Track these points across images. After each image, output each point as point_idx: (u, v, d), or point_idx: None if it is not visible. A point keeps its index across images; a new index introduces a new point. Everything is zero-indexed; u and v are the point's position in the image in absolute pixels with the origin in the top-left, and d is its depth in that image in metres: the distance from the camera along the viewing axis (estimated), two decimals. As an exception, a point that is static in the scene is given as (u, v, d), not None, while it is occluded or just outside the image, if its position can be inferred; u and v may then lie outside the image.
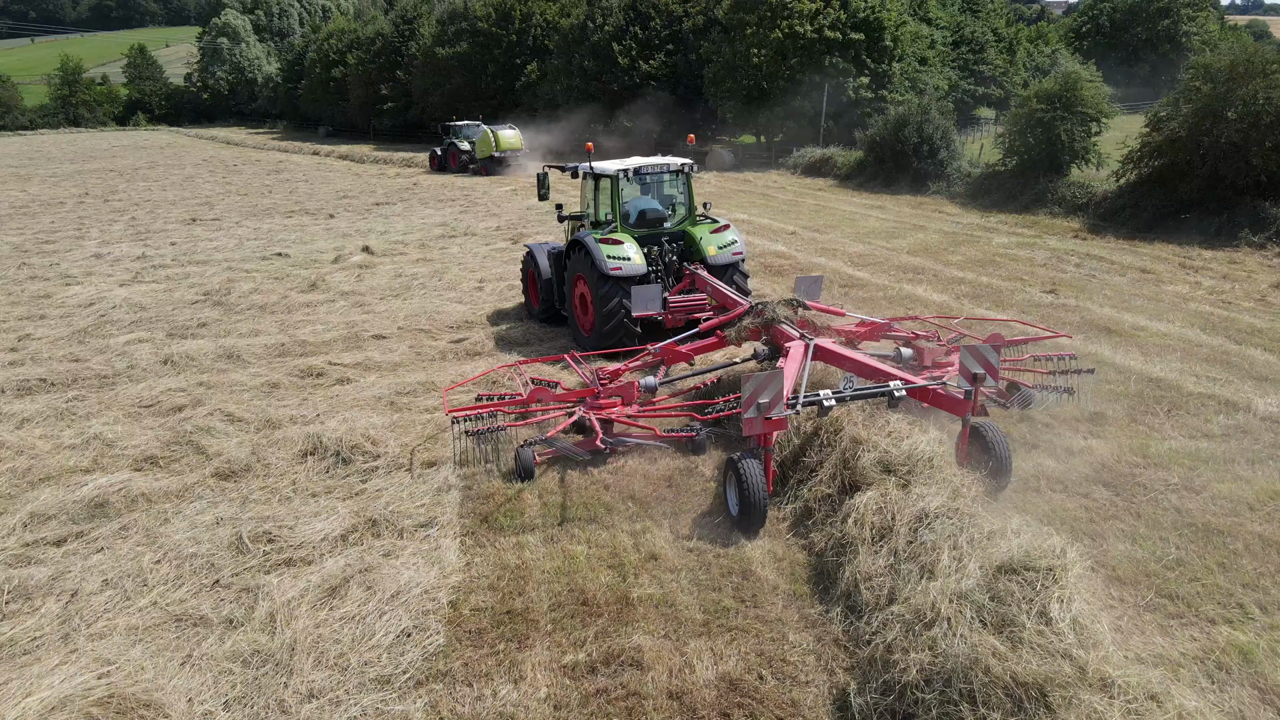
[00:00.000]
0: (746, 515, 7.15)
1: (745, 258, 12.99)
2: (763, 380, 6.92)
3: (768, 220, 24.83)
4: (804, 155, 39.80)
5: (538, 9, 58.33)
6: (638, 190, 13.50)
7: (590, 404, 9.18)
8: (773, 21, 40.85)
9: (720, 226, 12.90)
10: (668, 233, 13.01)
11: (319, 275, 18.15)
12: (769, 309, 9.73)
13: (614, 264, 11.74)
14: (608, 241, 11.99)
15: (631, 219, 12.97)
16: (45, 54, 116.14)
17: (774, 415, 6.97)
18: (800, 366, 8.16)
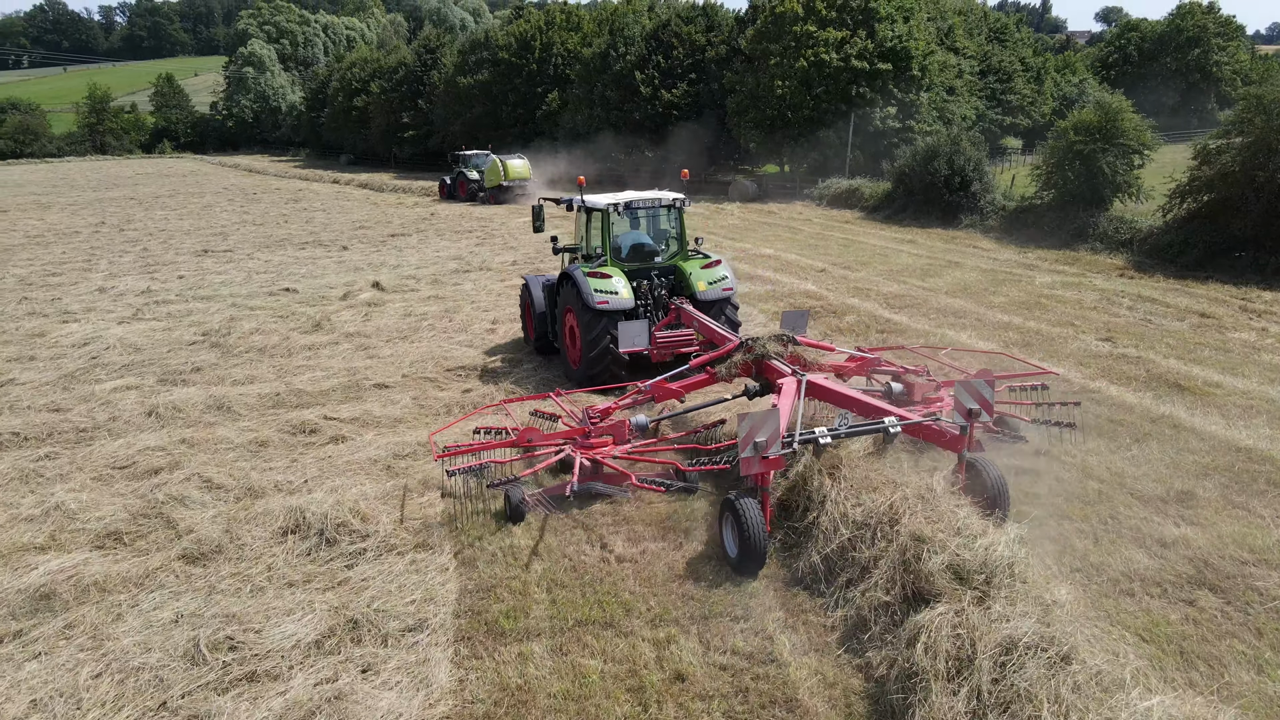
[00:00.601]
0: (746, 557, 7.05)
1: (735, 293, 12.89)
2: (759, 419, 6.87)
3: (795, 256, 23.80)
4: (830, 186, 38.87)
5: (559, 38, 58.09)
6: (629, 224, 13.46)
7: (580, 443, 8.98)
8: (797, 51, 40.12)
9: (711, 261, 12.79)
10: (658, 267, 12.96)
11: (325, 314, 17.29)
12: (760, 344, 9.67)
13: (600, 298, 11.73)
14: (596, 275, 11.96)
15: (623, 253, 13.03)
16: (77, 83, 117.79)
17: (771, 454, 6.94)
18: (793, 403, 8.09)
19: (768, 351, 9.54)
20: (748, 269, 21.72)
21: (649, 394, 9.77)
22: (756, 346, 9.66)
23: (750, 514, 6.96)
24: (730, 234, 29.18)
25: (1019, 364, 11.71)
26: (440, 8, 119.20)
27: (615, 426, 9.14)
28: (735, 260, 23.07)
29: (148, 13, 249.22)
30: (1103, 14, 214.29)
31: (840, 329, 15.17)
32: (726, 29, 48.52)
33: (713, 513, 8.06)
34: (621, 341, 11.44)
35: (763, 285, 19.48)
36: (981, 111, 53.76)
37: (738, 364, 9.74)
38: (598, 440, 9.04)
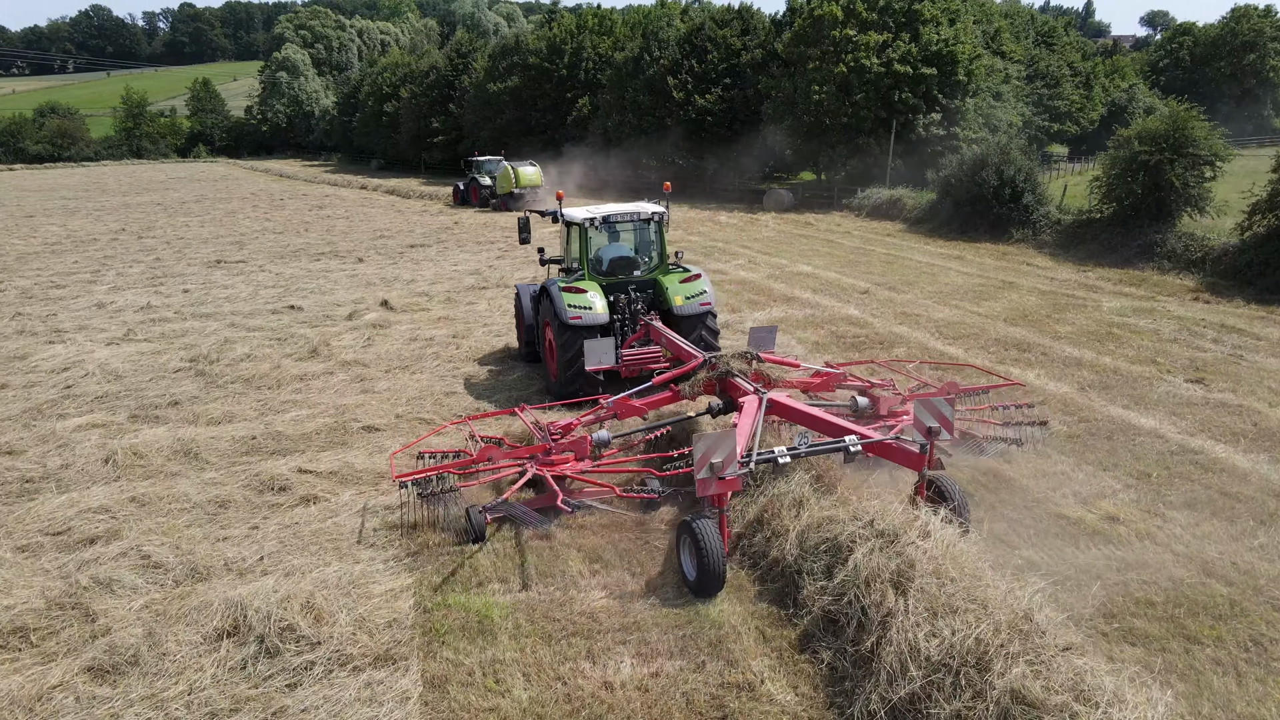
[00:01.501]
0: (703, 579, 6.98)
1: (714, 308, 12.63)
2: (714, 440, 6.83)
3: (835, 274, 22.14)
4: (870, 196, 37.08)
5: (590, 42, 56.81)
6: (608, 238, 13.40)
7: (542, 460, 8.90)
8: (837, 55, 38.42)
9: (690, 276, 12.61)
10: (636, 281, 12.79)
11: (324, 338, 16.00)
12: (723, 362, 9.65)
13: (574, 313, 11.68)
14: (571, 290, 11.92)
15: (604, 266, 12.90)
16: (119, 87, 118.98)
17: (728, 475, 6.91)
18: (754, 422, 8.09)
19: (731, 369, 9.50)
20: (784, 290, 20.12)
21: (611, 410, 9.65)
22: (720, 364, 9.61)
23: (708, 537, 6.87)
24: (765, 247, 27.57)
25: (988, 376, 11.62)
26: (474, 12, 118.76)
27: (576, 443, 9.02)
28: (770, 280, 21.48)
29: (190, 18, 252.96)
30: (1148, 18, 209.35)
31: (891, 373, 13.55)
32: (763, 32, 46.91)
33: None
34: (588, 359, 11.21)
35: (801, 309, 17.87)
36: (1028, 118, 51.64)
37: (701, 382, 9.68)
38: (559, 457, 8.92)
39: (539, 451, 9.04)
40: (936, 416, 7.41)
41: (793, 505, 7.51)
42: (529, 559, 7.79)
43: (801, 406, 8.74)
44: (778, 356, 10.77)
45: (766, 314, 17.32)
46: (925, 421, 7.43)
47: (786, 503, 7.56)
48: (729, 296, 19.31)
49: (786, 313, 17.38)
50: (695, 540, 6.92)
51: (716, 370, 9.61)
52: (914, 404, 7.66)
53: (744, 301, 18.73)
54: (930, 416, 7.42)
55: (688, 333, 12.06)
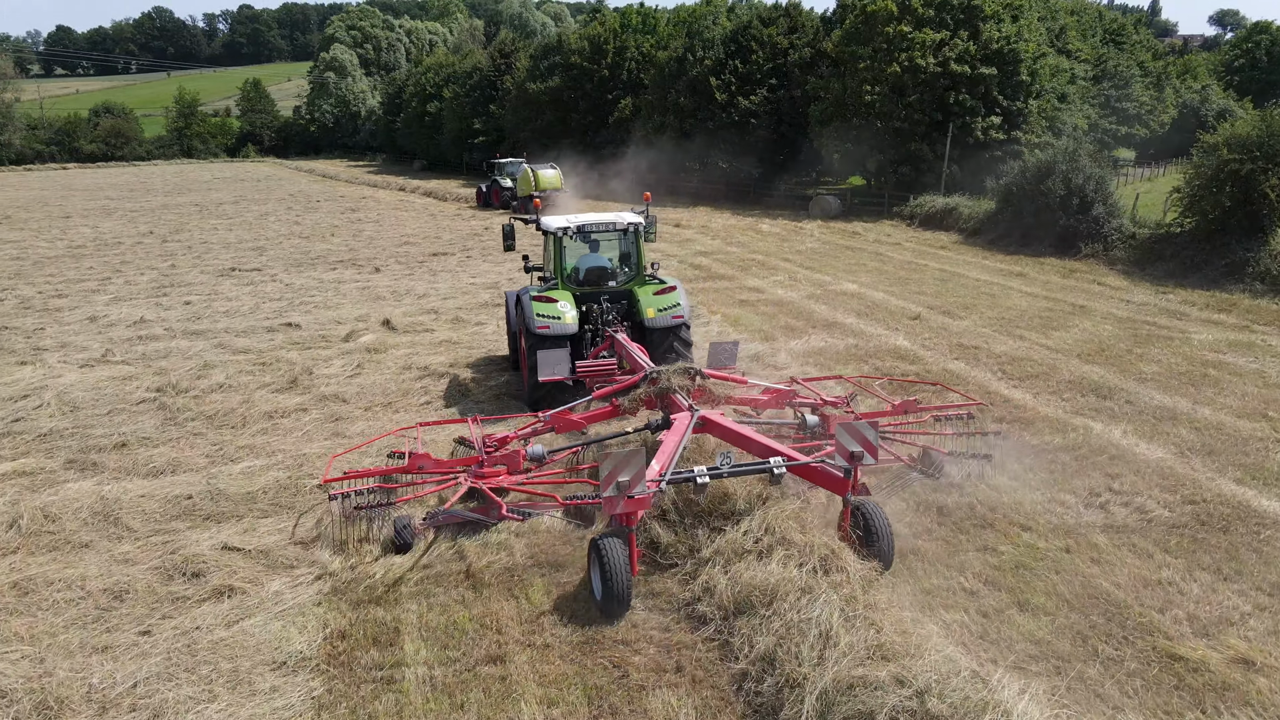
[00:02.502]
0: (608, 602, 6.81)
1: (688, 321, 12.33)
2: (622, 458, 6.72)
3: (883, 294, 20.08)
4: (922, 204, 34.80)
5: (633, 42, 55.12)
6: (586, 247, 13.32)
7: (475, 472, 8.73)
8: (890, 54, 36.19)
9: (665, 288, 12.40)
10: (610, 291, 12.69)
11: (310, 364, 14.51)
12: (664, 377, 9.40)
13: (541, 322, 11.64)
14: (542, 299, 11.89)
15: (581, 276, 12.85)
16: (176, 88, 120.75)
17: (636, 494, 6.79)
18: (679, 440, 7.98)
19: (671, 385, 9.25)
20: (825, 313, 18.15)
21: (549, 424, 9.46)
22: (661, 379, 9.37)
23: (614, 556, 6.74)
24: (807, 261, 25.55)
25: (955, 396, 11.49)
26: (521, 12, 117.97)
27: (509, 456, 8.88)
28: (811, 300, 19.51)
29: (248, 19, 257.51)
30: (1217, 16, 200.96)
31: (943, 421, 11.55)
32: (811, 31, 44.80)
33: None
34: (540, 370, 11.04)
35: (843, 338, 15.90)
36: (1094, 120, 48.68)
37: (641, 397, 9.50)
38: (490, 470, 8.73)
39: (472, 463, 8.85)
40: (860, 441, 7.20)
41: (818, 640, 5.68)
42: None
43: (732, 425, 8.43)
44: (724, 373, 10.36)
45: (803, 343, 15.40)
46: (848, 446, 7.21)
47: (811, 636, 5.72)
48: (763, 321, 17.41)
49: (826, 342, 15.43)
50: (600, 560, 6.76)
51: (657, 385, 9.35)
52: (836, 428, 7.38)
53: (779, 328, 16.81)
54: (853, 441, 7.21)
55: (658, 346, 11.92)
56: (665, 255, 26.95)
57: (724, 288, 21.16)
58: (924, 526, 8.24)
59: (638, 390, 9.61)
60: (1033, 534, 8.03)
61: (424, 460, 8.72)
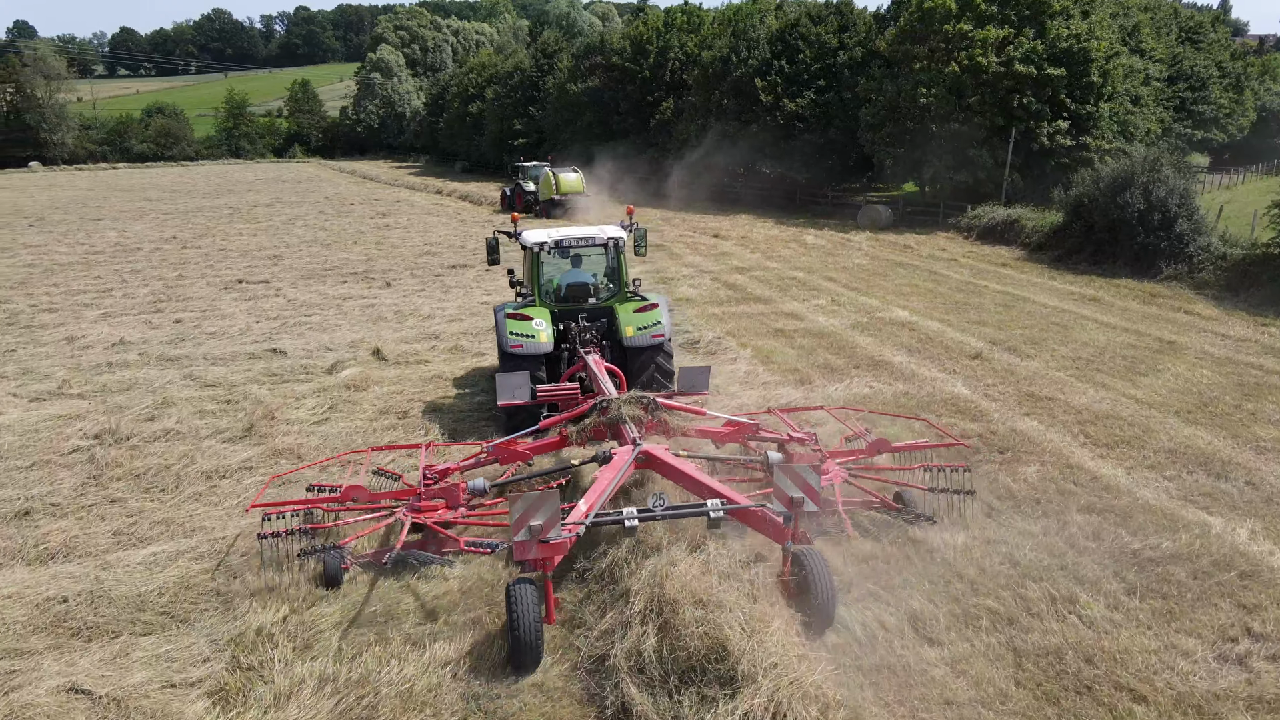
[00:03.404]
0: (516, 652, 6.40)
1: (670, 339, 11.90)
2: (534, 500, 6.35)
3: (938, 323, 17.77)
4: (981, 216, 32.22)
5: (676, 41, 53.05)
6: (567, 263, 12.94)
7: (412, 505, 8.26)
8: (948, 54, 33.67)
9: (646, 305, 11.92)
10: (590, 309, 12.22)
11: (277, 404, 12.79)
12: (614, 407, 8.85)
13: (514, 341, 11.26)
14: (517, 316, 11.48)
15: (562, 292, 12.43)
16: (235, 87, 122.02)
17: (551, 538, 6.37)
18: (614, 477, 7.50)
19: (622, 415, 8.76)
20: (872, 348, 15.92)
21: (492, 455, 9.04)
22: (611, 409, 8.90)
23: (523, 604, 6.32)
24: (854, 280, 23.27)
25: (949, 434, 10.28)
26: (569, 12, 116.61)
27: (448, 490, 8.44)
28: (856, 330, 17.28)
29: (304, 21, 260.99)
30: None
31: (1015, 494, 9.33)
32: (863, 29, 42.31)
33: None
34: (499, 394, 10.46)
35: (891, 382, 13.67)
36: (1168, 124, 45.37)
37: (590, 427, 9.06)
38: (427, 504, 8.34)
39: (409, 496, 8.44)
40: (800, 485, 6.80)
41: None
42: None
43: (674, 462, 7.92)
44: (681, 402, 9.78)
45: (844, 388, 13.24)
46: (787, 491, 6.79)
47: None
48: (799, 358, 15.25)
49: (872, 388, 13.25)
50: (508, 607, 6.41)
51: (608, 415, 8.84)
52: (775, 470, 7.03)
53: (817, 367, 14.63)
54: (793, 485, 6.80)
55: (637, 366, 11.52)
56: (699, 271, 24.90)
57: (758, 313, 19.03)
58: (997, 687, 6.11)
59: (586, 420, 9.04)
60: (1149, 709, 5.85)
61: (358, 492, 8.20)
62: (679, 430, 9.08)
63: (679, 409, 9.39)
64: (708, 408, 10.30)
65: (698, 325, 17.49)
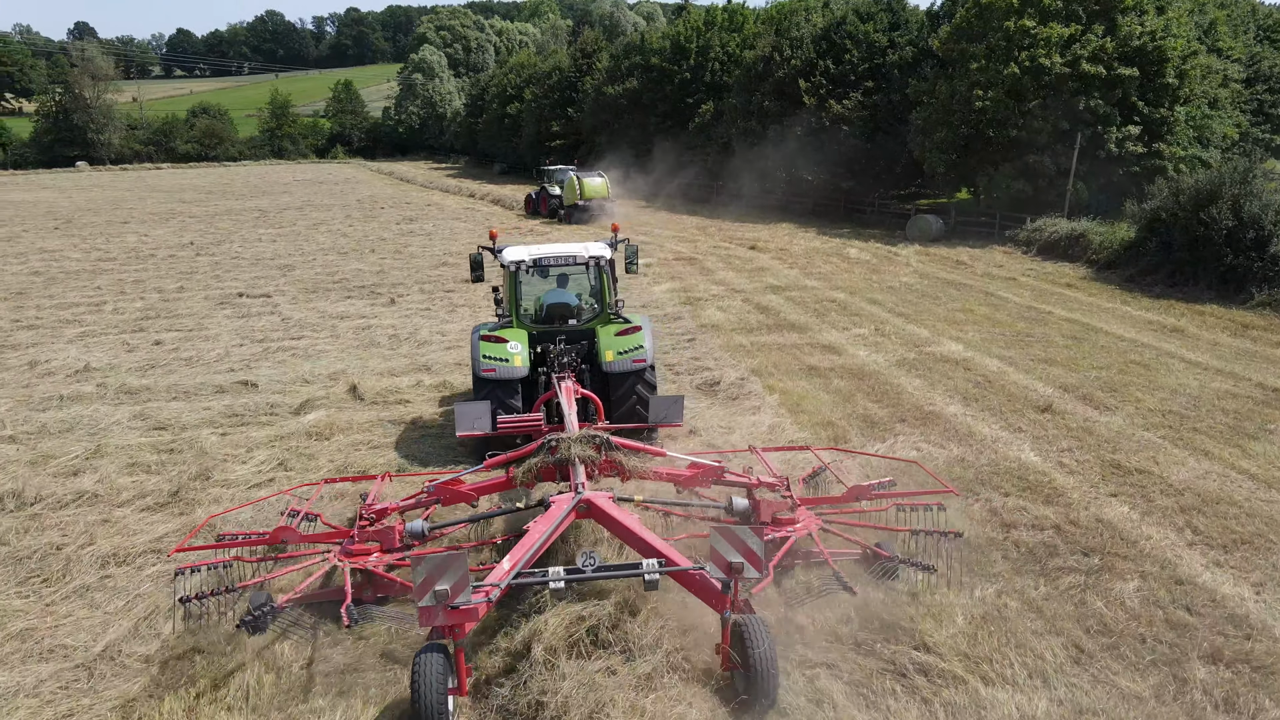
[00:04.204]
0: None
1: (652, 365, 11.22)
2: (439, 562, 5.78)
3: (998, 362, 15.44)
4: (1042, 229, 29.59)
5: (717, 41, 50.90)
6: (552, 281, 12.57)
7: (345, 548, 7.56)
8: (1008, 53, 31.08)
9: (629, 328, 11.29)
10: (569, 331, 11.60)
11: (222, 457, 11.06)
12: (564, 446, 8.06)
13: (487, 365, 10.70)
14: (491, 339, 10.90)
15: (543, 312, 11.97)
16: (282, 89, 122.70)
17: (460, 604, 5.79)
18: (548, 529, 6.91)
19: (571, 456, 7.95)
20: (920, 393, 13.69)
21: (433, 495, 8.28)
22: (560, 448, 8.09)
23: (429, 675, 5.74)
24: (901, 302, 20.98)
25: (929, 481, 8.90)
26: (613, 11, 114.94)
27: (383, 533, 7.74)
28: (902, 369, 15.03)
29: (354, 22, 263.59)
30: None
31: (1110, 625, 7.14)
32: (915, 27, 39.79)
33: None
34: (458, 424, 9.98)
35: (944, 443, 11.41)
36: (1245, 129, 42.04)
37: (537, 468, 8.23)
38: (360, 547, 7.58)
39: (343, 537, 7.83)
40: (740, 549, 6.08)
41: None
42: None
43: (616, 513, 7.19)
44: (640, 443, 8.92)
45: (887, 449, 11.07)
46: (725, 555, 6.08)
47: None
48: (834, 406, 13.07)
49: (920, 449, 11.05)
50: (413, 679, 5.80)
51: (556, 455, 8.16)
52: (712, 532, 6.23)
53: (856, 419, 12.46)
54: (731, 549, 6.09)
55: (616, 393, 10.99)
56: (730, 290, 22.81)
57: (791, 345, 16.88)
58: None
59: (533, 460, 8.31)
60: None
61: (288, 534, 7.70)
62: (635, 472, 8.28)
63: (636, 448, 8.50)
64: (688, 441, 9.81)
65: (721, 361, 15.40)
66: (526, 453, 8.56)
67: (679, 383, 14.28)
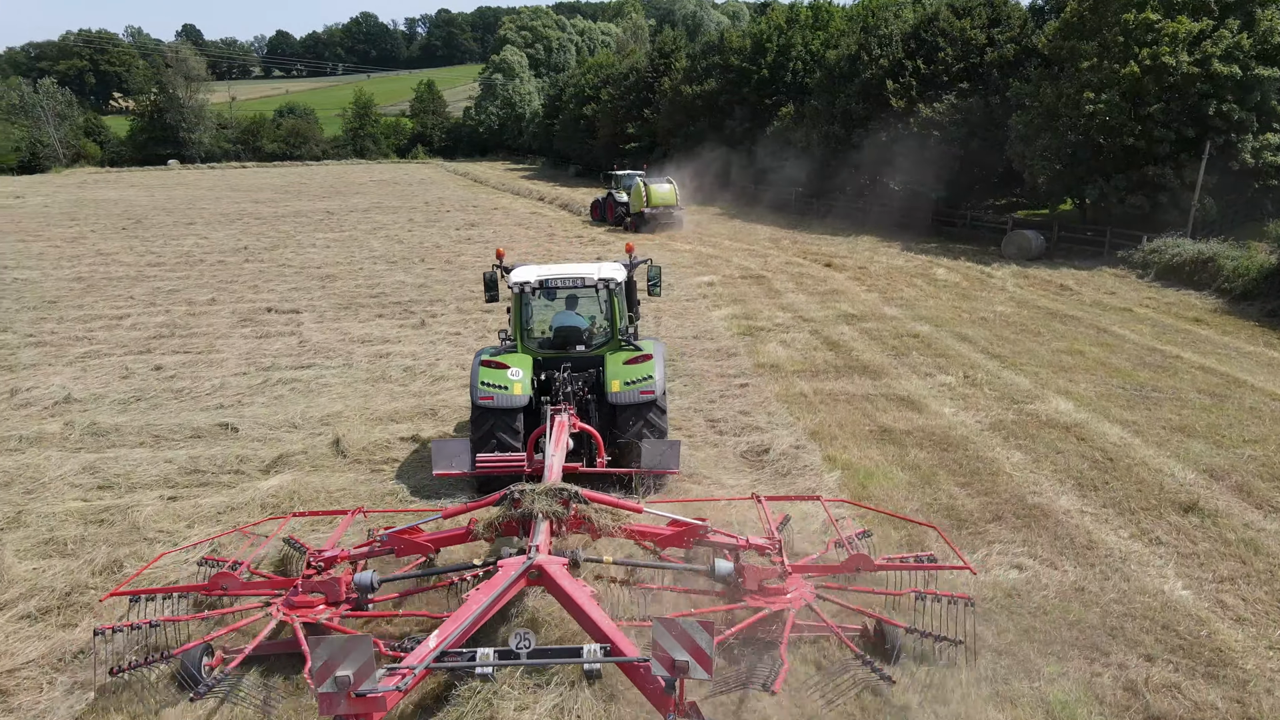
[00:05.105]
0: None
1: (664, 394, 10.58)
2: (340, 645, 5.09)
3: (1120, 428, 12.48)
4: (1161, 250, 25.99)
5: (800, 39, 47.99)
6: (562, 304, 11.70)
7: (287, 600, 7.06)
8: (1126, 50, 27.56)
9: (639, 356, 10.48)
10: (577, 357, 10.82)
11: (153, 533, 9.23)
12: (529, 498, 7.28)
13: (485, 393, 10.06)
14: (492, 364, 10.26)
15: (552, 337, 11.24)
16: (371, 89, 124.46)
17: (365, 691, 5.09)
18: (488, 600, 6.20)
19: (534, 510, 7.20)
20: (1023, 474, 10.91)
21: (386, 545, 7.58)
22: (525, 500, 7.29)
23: None
24: (996, 340, 18.06)
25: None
26: (696, 11, 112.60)
27: (328, 584, 7.10)
28: (996, 436, 12.19)
29: (444, 23, 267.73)
30: None
31: None
32: (1017, 23, 36.25)
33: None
34: (435, 462, 9.61)
35: (1057, 559, 8.56)
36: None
37: (498, 521, 7.43)
38: (301, 599, 7.03)
39: (287, 587, 7.18)
40: (686, 645, 5.33)
41: None
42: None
43: (567, 585, 6.35)
44: (615, 498, 7.86)
45: (979, 559, 8.43)
46: (670, 651, 5.37)
47: None
48: (912, 489, 10.38)
49: (1023, 568, 8.33)
50: None
51: (520, 508, 7.23)
52: (655, 625, 5.45)
53: (937, 507, 9.79)
54: (676, 645, 5.34)
55: (624, 427, 10.23)
56: (798, 318, 20.22)
57: (862, 395, 14.22)
58: None
59: (491, 512, 7.59)
60: None
61: (228, 580, 7.23)
62: (606, 531, 7.47)
63: (610, 503, 7.65)
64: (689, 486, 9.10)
65: (775, 418, 12.88)
66: (488, 503, 7.72)
67: (722, 446, 11.85)
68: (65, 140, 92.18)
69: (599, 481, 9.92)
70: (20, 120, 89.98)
